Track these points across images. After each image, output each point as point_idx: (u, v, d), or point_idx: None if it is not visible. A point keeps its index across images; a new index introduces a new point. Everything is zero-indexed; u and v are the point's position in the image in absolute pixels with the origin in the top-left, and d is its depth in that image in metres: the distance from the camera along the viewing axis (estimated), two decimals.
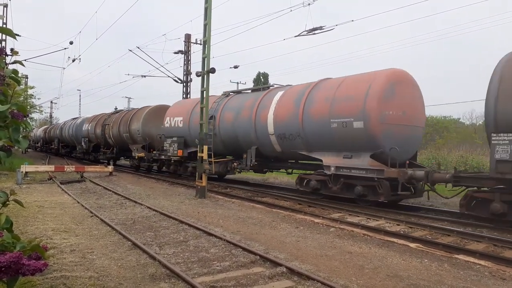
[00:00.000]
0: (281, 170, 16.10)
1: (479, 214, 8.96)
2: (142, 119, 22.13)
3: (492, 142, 8.46)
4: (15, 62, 2.28)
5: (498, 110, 8.57)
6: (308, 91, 12.63)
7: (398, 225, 9.12)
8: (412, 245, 7.44)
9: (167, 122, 19.68)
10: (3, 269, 1.63)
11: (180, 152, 18.05)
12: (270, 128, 13.61)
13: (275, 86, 15.46)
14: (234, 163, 16.02)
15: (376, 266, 6.09)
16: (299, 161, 14.47)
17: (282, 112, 13.27)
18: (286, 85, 14.94)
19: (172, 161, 19.20)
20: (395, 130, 10.86)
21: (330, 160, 11.78)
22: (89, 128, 29.66)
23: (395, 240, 7.80)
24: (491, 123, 8.73)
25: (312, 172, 12.88)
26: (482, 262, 6.39)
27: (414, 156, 12.04)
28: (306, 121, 12.29)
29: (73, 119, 38.25)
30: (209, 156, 14.43)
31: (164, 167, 21.17)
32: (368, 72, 11.78)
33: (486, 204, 8.75)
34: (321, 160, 12.08)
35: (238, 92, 17.54)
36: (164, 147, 19.24)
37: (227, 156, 16.83)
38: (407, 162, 10.80)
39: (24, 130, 2.11)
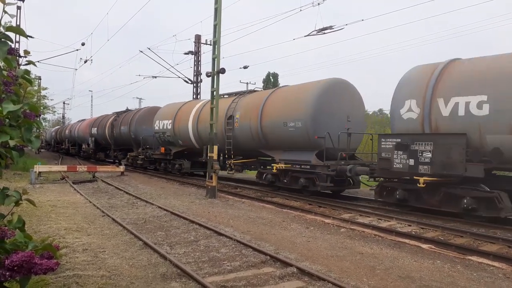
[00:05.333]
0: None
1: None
2: (63, 130, 44.89)
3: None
4: (28, 62, 2.31)
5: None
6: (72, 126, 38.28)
7: (410, 225, 9.03)
8: (424, 246, 7.36)
9: (69, 131, 39.85)
10: (15, 268, 1.64)
11: (67, 144, 39.21)
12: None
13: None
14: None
15: (388, 267, 6.03)
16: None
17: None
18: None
19: (69, 148, 39.71)
20: None
21: None
22: (53, 134, 52.70)
23: (406, 241, 7.72)
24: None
25: None
26: (496, 264, 6.29)
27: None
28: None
29: (53, 128, 62.97)
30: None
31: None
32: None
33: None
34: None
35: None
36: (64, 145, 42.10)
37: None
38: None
39: (37, 130, 2.13)
